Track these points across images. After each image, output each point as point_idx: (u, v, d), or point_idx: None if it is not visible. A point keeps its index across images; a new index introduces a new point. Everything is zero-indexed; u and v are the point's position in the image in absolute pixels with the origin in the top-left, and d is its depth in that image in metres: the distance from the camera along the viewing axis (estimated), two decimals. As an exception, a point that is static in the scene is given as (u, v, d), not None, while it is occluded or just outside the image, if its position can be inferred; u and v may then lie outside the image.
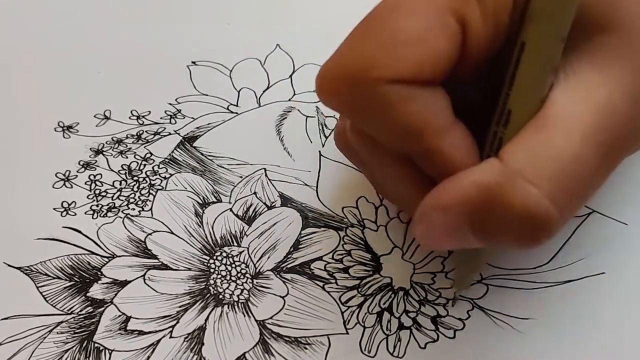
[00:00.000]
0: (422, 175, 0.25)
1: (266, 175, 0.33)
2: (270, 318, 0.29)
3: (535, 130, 0.22)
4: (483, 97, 0.25)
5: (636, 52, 0.23)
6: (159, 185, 0.33)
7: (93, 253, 0.31)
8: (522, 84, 0.22)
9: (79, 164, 0.34)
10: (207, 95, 0.37)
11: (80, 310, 0.29)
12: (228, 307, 0.29)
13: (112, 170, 0.34)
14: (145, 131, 0.35)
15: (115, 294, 0.29)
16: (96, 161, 0.34)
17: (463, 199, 0.22)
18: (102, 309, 0.29)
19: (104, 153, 0.34)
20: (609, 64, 0.22)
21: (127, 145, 0.34)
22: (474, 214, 0.22)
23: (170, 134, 0.35)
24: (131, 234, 0.31)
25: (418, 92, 0.22)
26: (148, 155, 0.34)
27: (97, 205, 0.32)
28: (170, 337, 0.28)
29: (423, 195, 0.23)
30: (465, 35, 0.22)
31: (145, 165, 0.34)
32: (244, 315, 0.29)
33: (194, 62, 0.38)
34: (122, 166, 0.34)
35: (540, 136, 0.22)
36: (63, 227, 0.31)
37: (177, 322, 0.29)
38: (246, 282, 0.30)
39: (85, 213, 0.32)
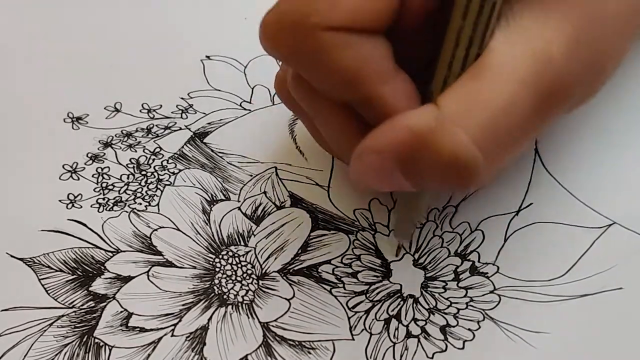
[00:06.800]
0: (363, 124, 0.25)
1: (277, 174, 0.32)
2: (275, 320, 0.28)
3: (471, 77, 0.22)
4: (426, 51, 0.25)
5: (575, 4, 0.23)
6: (167, 180, 0.32)
7: (97, 247, 0.30)
8: (486, 27, 0.22)
9: (87, 156, 0.33)
10: (220, 90, 0.36)
11: (82, 305, 0.28)
12: (232, 308, 0.28)
13: (120, 163, 0.33)
14: (156, 125, 0.34)
15: (118, 290, 0.29)
16: (104, 154, 0.33)
17: (395, 143, 0.22)
18: (104, 304, 0.28)
19: (113, 146, 0.34)
20: (549, 15, 0.23)
21: (136, 139, 0.34)
22: (404, 158, 0.22)
23: (180, 129, 0.34)
24: (137, 229, 0.31)
25: (355, 39, 0.22)
26: (157, 149, 0.33)
27: (104, 199, 0.32)
28: (172, 335, 0.28)
29: None
30: None
31: (154, 159, 0.33)
32: (248, 317, 0.28)
33: (208, 57, 0.37)
34: (130, 160, 0.33)
35: (476, 83, 0.22)
36: (68, 219, 0.31)
37: (180, 321, 0.28)
38: (252, 283, 0.29)
39: (91, 206, 0.31)
